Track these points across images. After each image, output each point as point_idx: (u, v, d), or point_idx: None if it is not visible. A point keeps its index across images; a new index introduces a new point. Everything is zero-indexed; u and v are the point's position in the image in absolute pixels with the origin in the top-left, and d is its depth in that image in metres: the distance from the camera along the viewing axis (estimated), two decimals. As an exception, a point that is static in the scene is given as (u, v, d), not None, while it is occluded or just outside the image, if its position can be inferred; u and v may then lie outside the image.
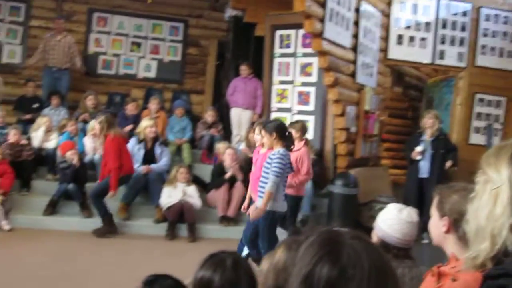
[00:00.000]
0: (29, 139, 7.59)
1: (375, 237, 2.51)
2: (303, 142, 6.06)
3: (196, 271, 1.81)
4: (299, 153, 5.86)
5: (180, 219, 6.83)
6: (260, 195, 4.87)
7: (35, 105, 8.69)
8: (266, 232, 4.95)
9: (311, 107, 8.38)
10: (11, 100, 9.04)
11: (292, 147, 5.06)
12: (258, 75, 8.98)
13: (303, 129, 6.21)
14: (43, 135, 7.57)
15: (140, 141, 7.38)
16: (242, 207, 5.59)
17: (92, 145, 7.46)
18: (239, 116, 8.83)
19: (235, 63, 9.65)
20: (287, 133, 5.01)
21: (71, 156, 6.90)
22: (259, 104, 8.82)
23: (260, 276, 2.00)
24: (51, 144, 7.48)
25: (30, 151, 7.22)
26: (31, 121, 8.12)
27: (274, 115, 8.69)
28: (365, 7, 7.92)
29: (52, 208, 6.81)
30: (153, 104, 8.76)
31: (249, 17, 9.12)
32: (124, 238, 6.58)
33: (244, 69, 8.86)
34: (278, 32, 8.73)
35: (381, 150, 9.41)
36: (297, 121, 6.58)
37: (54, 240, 6.13)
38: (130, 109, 8.71)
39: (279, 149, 4.86)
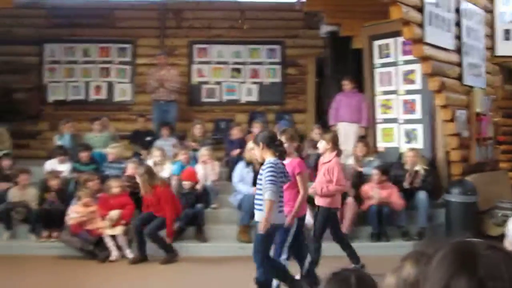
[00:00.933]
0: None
1: (509, 246, 2.35)
2: (334, 153, 5.77)
3: (320, 291, 1.78)
4: (330, 164, 5.70)
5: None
6: (258, 208, 4.72)
7: (148, 138, 9.13)
8: (260, 244, 4.73)
9: (417, 115, 8.12)
10: (125, 136, 9.59)
11: (284, 155, 4.86)
12: (359, 88, 8.86)
13: (334, 140, 5.87)
14: (156, 166, 7.90)
15: (248, 164, 7.51)
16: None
17: (203, 172, 7.69)
18: (346, 131, 8.73)
19: (335, 78, 9.59)
20: (276, 142, 4.79)
21: (191, 183, 7.23)
22: (365, 117, 8.69)
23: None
24: (165, 173, 7.79)
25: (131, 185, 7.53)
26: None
27: (380, 127, 8.52)
28: (466, 5, 7.60)
29: (178, 235, 7.04)
30: (255, 128, 8.87)
31: (345, 31, 9.06)
32: (240, 261, 6.66)
33: (346, 84, 8.78)
34: (376, 43, 8.60)
35: (498, 153, 8.89)
36: (327, 131, 6.58)
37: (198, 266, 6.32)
38: (235, 133, 8.91)
39: (269, 159, 4.70)
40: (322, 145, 5.81)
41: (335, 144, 5.77)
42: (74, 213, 6.73)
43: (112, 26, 10.97)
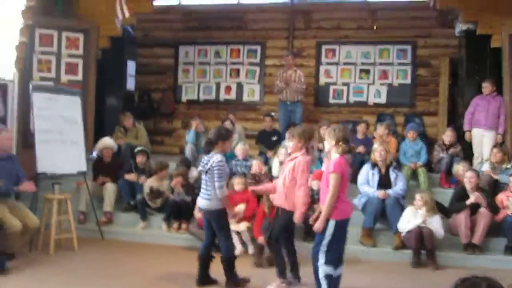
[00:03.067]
0: (270, 169, 8.10)
1: None
2: (302, 151, 5.23)
3: (448, 296, 1.68)
4: (295, 162, 5.20)
5: (421, 245, 6.53)
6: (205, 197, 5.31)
7: (274, 138, 9.27)
8: (220, 222, 5.35)
9: None
10: (253, 135, 9.82)
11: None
12: (499, 91, 8.30)
13: (304, 135, 5.31)
14: (279, 165, 7.99)
15: (373, 166, 7.34)
16: (311, 219, 5.02)
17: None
18: (481, 137, 8.23)
19: (471, 80, 9.07)
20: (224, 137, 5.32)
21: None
22: (502, 123, 8.15)
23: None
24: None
25: (269, 180, 7.67)
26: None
27: (519, 133, 7.93)
28: None
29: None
30: (379, 129, 8.64)
31: (482, 29, 8.51)
32: (364, 264, 6.53)
33: (486, 87, 8.27)
34: (518, 41, 8.00)
35: None
36: (299, 128, 5.90)
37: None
38: (360, 131, 8.76)
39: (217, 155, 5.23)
40: (291, 144, 5.33)
41: (305, 140, 5.30)
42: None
43: (243, 29, 11.32)
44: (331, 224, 4.70)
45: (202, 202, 5.40)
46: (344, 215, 4.80)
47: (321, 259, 4.74)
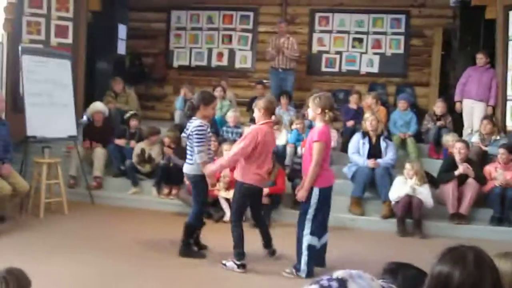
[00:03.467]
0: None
1: None
2: (262, 121, 5.03)
3: (433, 265, 1.69)
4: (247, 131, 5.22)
5: (408, 214, 6.62)
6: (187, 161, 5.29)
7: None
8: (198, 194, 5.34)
9: (555, 93, 7.46)
10: (245, 102, 9.78)
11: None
12: (492, 63, 8.28)
13: (267, 106, 5.01)
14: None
15: (364, 136, 7.36)
16: (296, 189, 5.02)
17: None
18: (471, 108, 8.25)
19: (464, 51, 9.04)
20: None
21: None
22: (493, 95, 8.16)
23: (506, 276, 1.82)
24: (281, 141, 7.86)
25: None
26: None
27: (510, 105, 7.95)
28: None
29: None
30: (368, 100, 8.61)
31: (477, 0, 8.45)
32: (352, 233, 6.61)
33: (480, 58, 8.25)
34: (512, 13, 7.95)
35: None
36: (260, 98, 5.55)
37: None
38: (352, 101, 8.75)
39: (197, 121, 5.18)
40: (255, 114, 5.14)
41: (268, 111, 5.01)
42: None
43: (236, -6, 11.14)
44: (315, 192, 4.76)
45: (184, 166, 5.38)
46: (327, 183, 4.88)
47: (307, 229, 4.78)
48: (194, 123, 5.16)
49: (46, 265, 4.76)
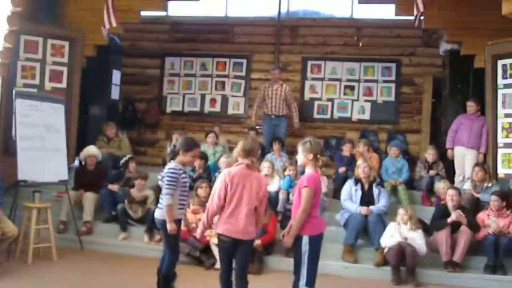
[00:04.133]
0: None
1: None
2: (238, 163, 4.69)
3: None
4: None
5: (401, 262, 6.55)
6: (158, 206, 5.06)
7: (258, 152, 9.23)
8: (168, 240, 5.05)
9: (545, 140, 7.54)
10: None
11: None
12: (482, 110, 8.40)
13: (244, 149, 4.65)
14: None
15: (356, 182, 7.37)
16: (282, 233, 4.85)
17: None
18: (463, 155, 8.30)
19: (454, 99, 9.19)
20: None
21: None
22: (484, 143, 8.23)
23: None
24: (273, 187, 7.84)
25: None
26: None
27: (501, 152, 8.01)
28: None
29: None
30: (359, 147, 8.66)
31: (466, 49, 8.64)
32: (345, 281, 6.52)
33: (471, 105, 8.38)
34: (501, 62, 8.10)
35: None
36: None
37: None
38: (345, 150, 8.78)
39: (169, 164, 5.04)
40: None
41: (244, 152, 4.63)
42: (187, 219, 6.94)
43: (229, 41, 11.35)
44: (305, 240, 4.57)
45: (155, 211, 5.14)
46: (317, 230, 4.67)
47: (302, 280, 4.60)
48: (168, 166, 5.03)
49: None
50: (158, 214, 5.06)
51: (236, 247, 4.57)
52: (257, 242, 6.55)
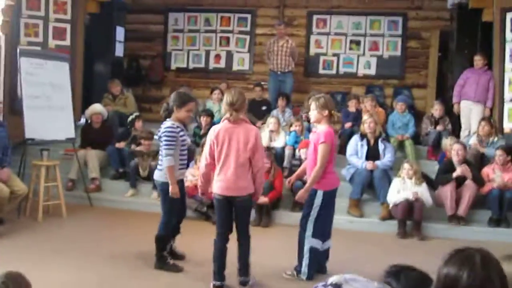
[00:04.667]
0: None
1: None
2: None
3: (440, 267, 1.70)
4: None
5: (408, 216, 6.62)
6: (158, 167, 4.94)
7: (264, 108, 9.25)
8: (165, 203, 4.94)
9: (552, 94, 7.49)
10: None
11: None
12: (489, 65, 8.32)
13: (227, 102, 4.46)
14: (269, 135, 8.00)
15: (362, 138, 7.38)
16: (288, 180, 5.02)
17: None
18: (469, 110, 8.27)
19: (461, 53, 9.09)
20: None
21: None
22: (491, 97, 8.19)
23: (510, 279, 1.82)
24: (279, 143, 7.88)
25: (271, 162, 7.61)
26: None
27: (508, 106, 7.98)
28: None
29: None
30: (366, 102, 8.62)
31: (474, 2, 8.49)
32: (351, 235, 6.61)
33: (478, 60, 8.28)
34: (509, 15, 7.99)
35: None
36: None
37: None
38: (351, 105, 8.76)
39: (166, 123, 4.88)
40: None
41: (229, 106, 4.42)
42: (191, 175, 7.01)
43: (233, -4, 11.15)
44: (319, 194, 4.69)
45: (155, 172, 5.06)
46: (332, 186, 4.80)
47: (309, 230, 4.72)
48: (165, 125, 4.86)
49: (45, 269, 4.76)
50: (158, 175, 4.96)
51: (231, 205, 4.47)
52: (265, 199, 6.64)
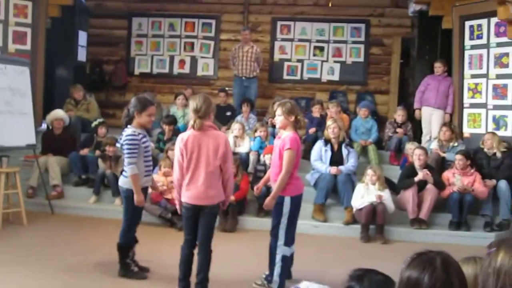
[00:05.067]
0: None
1: None
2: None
3: (402, 270, 1.74)
4: None
5: (371, 221, 6.72)
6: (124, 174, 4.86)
7: (228, 113, 9.25)
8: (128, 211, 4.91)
9: (509, 101, 7.71)
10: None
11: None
12: (449, 71, 8.53)
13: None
14: (234, 140, 7.99)
15: (326, 143, 7.45)
16: (255, 187, 5.07)
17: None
18: (430, 115, 8.45)
19: (422, 60, 9.29)
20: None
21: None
22: (450, 103, 8.40)
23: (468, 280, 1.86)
24: (243, 148, 7.89)
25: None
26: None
27: (467, 112, 8.19)
28: None
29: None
30: (332, 108, 8.70)
31: (434, 10, 8.69)
32: (315, 239, 6.66)
33: (439, 66, 8.48)
34: (468, 23, 8.22)
35: None
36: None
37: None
38: (315, 111, 8.83)
39: (127, 130, 4.81)
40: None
41: (194, 113, 4.40)
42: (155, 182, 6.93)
43: (198, 1, 11.13)
44: (287, 201, 4.64)
45: (120, 179, 4.99)
46: (298, 191, 4.77)
47: (281, 240, 4.64)
48: (126, 133, 4.76)
49: (4, 279, 4.65)
50: (122, 182, 4.88)
51: (198, 214, 4.40)
52: (232, 198, 6.63)
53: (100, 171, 7.59)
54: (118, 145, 5.00)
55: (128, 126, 4.82)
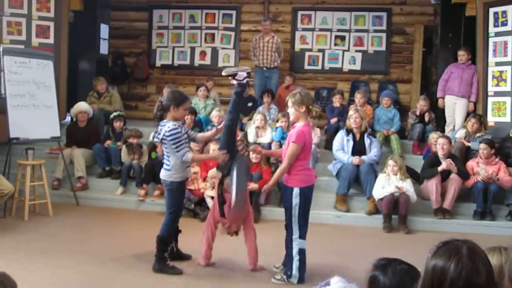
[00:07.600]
0: (245, 135, 8.10)
1: None
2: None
3: (427, 259, 1.73)
4: None
5: (393, 211, 6.68)
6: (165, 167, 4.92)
7: (250, 104, 9.25)
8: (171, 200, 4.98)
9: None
10: (228, 101, 9.74)
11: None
12: (473, 59, 8.40)
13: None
14: (255, 131, 8.00)
15: (348, 133, 7.41)
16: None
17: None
18: (454, 104, 8.35)
19: (445, 48, 9.16)
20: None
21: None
22: (474, 91, 8.27)
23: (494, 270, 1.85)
24: (265, 139, 7.89)
25: (245, 146, 7.65)
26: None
27: (491, 100, 8.07)
28: None
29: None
30: (360, 98, 8.64)
31: (458, -3, 8.57)
32: (338, 229, 6.66)
33: (462, 55, 8.35)
34: (492, 10, 8.08)
35: None
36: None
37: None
38: (335, 101, 8.79)
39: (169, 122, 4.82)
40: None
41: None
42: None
43: (218, -8, 11.12)
44: (296, 192, 4.59)
45: (161, 172, 4.99)
46: (308, 182, 4.70)
47: (295, 233, 4.63)
48: (166, 127, 4.76)
49: (30, 269, 4.74)
50: (165, 175, 4.91)
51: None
52: (254, 185, 6.67)
53: (126, 163, 7.66)
54: (156, 140, 5.01)
55: (164, 119, 4.86)
